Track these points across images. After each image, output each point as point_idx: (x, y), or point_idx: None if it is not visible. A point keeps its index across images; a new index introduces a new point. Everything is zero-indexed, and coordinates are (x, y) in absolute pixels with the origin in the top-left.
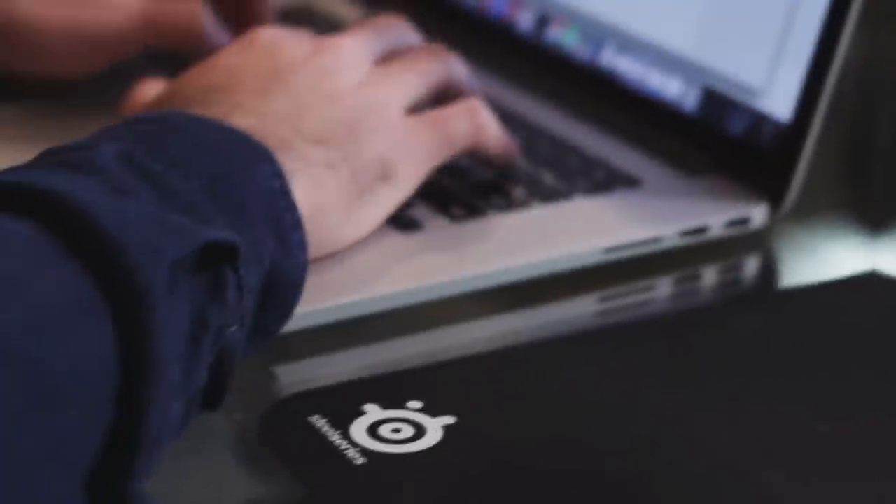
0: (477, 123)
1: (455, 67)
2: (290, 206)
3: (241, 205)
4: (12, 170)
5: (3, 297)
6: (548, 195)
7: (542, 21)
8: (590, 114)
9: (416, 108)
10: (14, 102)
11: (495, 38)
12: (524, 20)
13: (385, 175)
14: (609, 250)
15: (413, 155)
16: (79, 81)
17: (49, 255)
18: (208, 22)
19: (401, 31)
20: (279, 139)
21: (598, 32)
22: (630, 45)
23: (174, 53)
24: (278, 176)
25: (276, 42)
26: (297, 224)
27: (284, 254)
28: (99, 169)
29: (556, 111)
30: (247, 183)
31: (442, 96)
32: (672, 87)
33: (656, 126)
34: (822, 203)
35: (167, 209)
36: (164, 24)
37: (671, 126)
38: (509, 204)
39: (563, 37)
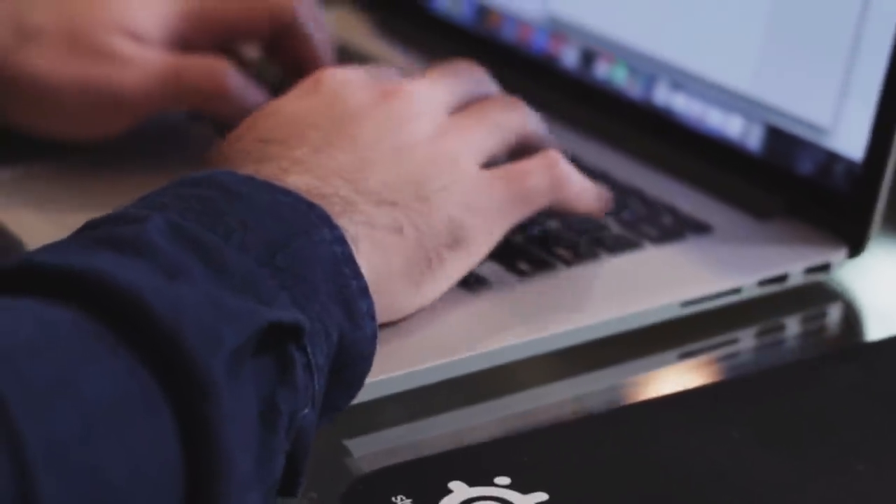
0: (556, 177)
1: (532, 121)
2: (356, 273)
3: (303, 276)
4: (51, 248)
5: (51, 399)
6: (616, 245)
7: (588, 57)
8: (645, 153)
9: (491, 164)
10: (38, 158)
11: (537, 75)
12: (568, 56)
13: (455, 240)
14: (686, 304)
15: (486, 214)
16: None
17: (98, 346)
18: (234, 81)
19: (478, 79)
20: (341, 200)
21: (649, 69)
22: (684, 81)
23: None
24: (340, 241)
25: (343, 86)
26: (363, 291)
27: (352, 325)
28: (148, 247)
29: (608, 151)
30: (307, 251)
31: (518, 152)
32: (733, 126)
33: (719, 166)
34: (891, 237)
35: (223, 288)
36: (184, 83)
37: (735, 166)
38: (577, 257)
39: (611, 73)
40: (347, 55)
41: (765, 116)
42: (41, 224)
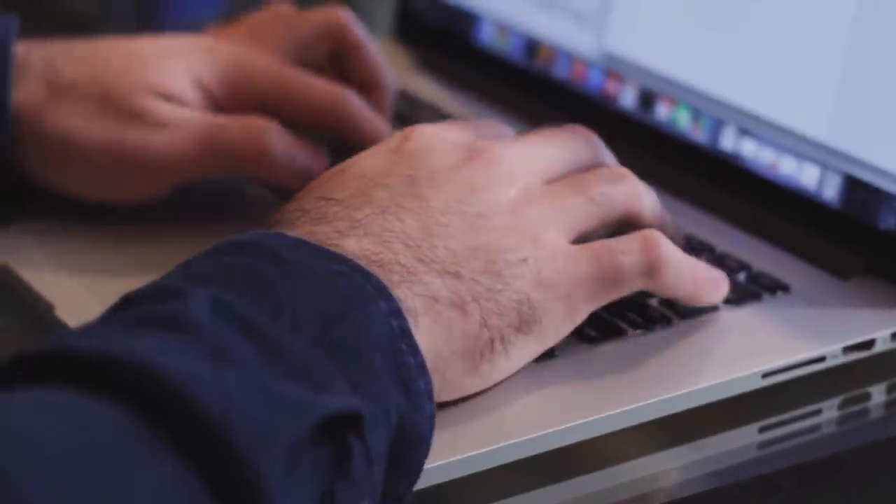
0: (653, 260)
1: (645, 198)
2: (413, 349)
3: (359, 355)
4: (87, 329)
5: None
6: (689, 308)
7: (647, 98)
8: (711, 203)
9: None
10: (67, 211)
11: (591, 115)
12: (625, 96)
13: (524, 322)
14: (768, 374)
15: (566, 295)
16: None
17: (143, 448)
18: (278, 142)
19: (590, 148)
20: (401, 268)
21: (715, 112)
22: (754, 126)
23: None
24: (397, 314)
25: (429, 146)
26: (421, 368)
27: (411, 405)
28: (192, 328)
29: (670, 199)
30: (363, 326)
31: (622, 230)
32: (808, 176)
33: (793, 219)
34: None
35: (274, 375)
36: (221, 145)
37: (811, 219)
38: (648, 321)
39: (673, 116)
40: (413, 104)
41: (843, 166)
42: (70, 283)
